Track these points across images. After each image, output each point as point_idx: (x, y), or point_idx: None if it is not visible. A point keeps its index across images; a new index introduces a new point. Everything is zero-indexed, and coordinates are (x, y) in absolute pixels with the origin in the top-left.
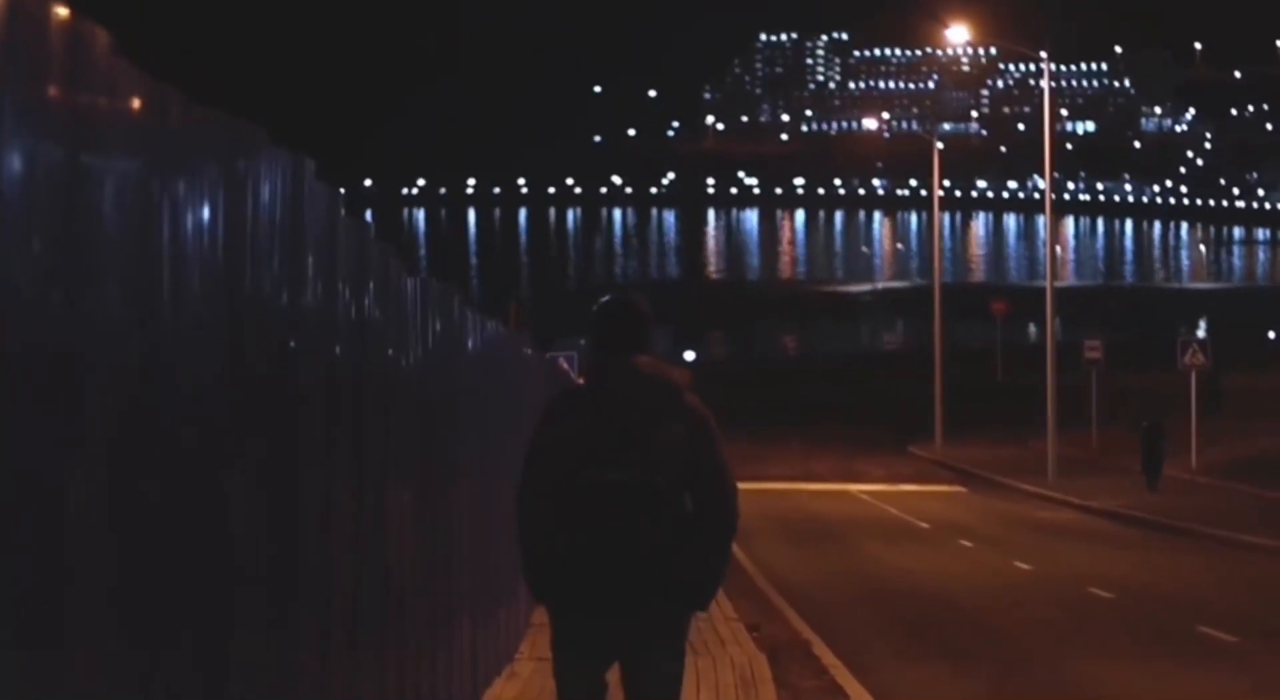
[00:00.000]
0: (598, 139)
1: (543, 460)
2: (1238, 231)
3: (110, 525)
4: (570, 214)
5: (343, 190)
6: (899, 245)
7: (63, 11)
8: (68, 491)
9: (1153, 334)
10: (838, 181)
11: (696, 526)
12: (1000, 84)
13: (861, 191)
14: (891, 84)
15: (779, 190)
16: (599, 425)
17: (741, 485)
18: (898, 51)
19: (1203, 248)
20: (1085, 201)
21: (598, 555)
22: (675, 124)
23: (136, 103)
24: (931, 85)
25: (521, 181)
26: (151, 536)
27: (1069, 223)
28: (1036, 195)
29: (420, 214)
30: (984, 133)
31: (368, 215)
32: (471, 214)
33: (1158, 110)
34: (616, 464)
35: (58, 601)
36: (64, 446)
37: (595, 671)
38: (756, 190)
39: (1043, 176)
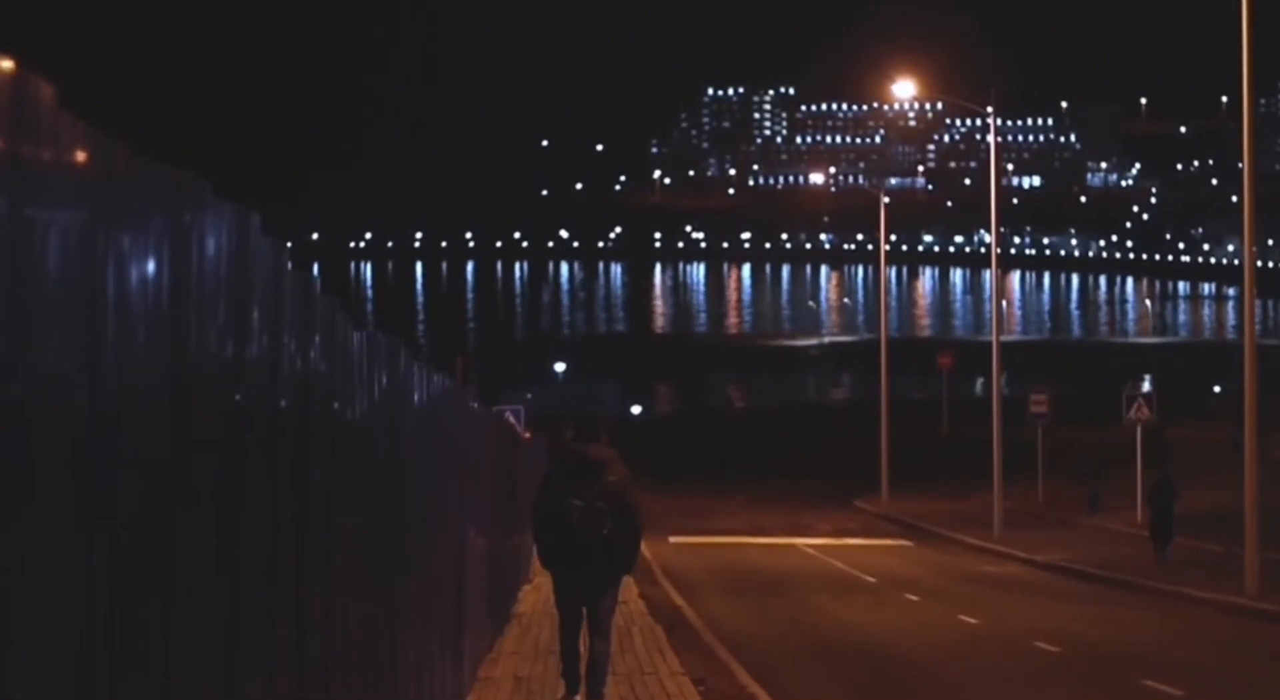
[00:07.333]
0: (545, 193)
1: (543, 496)
2: (1183, 286)
3: (53, 576)
4: (518, 267)
5: (289, 243)
6: (845, 299)
7: (6, 65)
8: (10, 542)
9: (1098, 388)
10: (784, 236)
11: (623, 528)
12: (946, 139)
13: (808, 246)
14: (838, 139)
15: (726, 244)
16: (571, 476)
17: (689, 539)
18: (844, 106)
19: (1148, 302)
20: (1031, 256)
21: (570, 543)
22: (622, 178)
23: (81, 156)
24: (878, 140)
25: (469, 235)
26: (94, 586)
27: (1015, 277)
28: (982, 250)
29: (367, 267)
30: (930, 187)
31: (315, 268)
32: (419, 267)
33: (1103, 165)
34: (578, 496)
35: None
36: (8, 497)
37: (577, 600)
38: (703, 244)
39: (989, 231)
